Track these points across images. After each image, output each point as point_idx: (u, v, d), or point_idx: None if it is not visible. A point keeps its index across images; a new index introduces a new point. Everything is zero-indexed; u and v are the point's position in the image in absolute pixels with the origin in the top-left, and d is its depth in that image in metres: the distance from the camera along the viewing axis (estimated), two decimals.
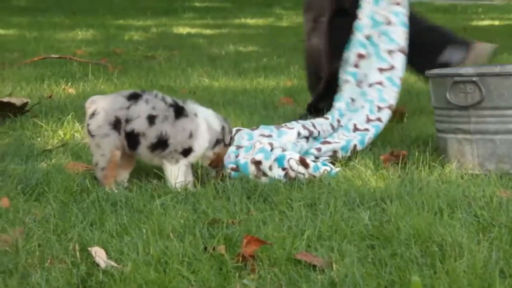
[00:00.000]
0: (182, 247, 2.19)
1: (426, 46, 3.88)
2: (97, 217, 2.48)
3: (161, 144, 2.82)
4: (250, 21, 11.04)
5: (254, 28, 10.20)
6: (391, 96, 3.58)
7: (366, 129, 3.44)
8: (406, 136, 3.63)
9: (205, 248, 2.19)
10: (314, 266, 2.10)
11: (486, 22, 11.90)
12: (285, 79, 5.58)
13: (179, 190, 2.77)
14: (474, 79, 3.04)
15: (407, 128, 3.83)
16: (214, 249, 2.18)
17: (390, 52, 3.64)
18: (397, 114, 4.01)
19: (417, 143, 3.48)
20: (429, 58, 3.83)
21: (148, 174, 2.96)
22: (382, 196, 2.68)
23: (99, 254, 2.12)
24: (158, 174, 2.88)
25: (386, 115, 3.53)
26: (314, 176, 2.90)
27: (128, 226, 2.38)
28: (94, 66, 5.86)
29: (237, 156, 3.05)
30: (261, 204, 2.65)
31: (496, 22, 11.91)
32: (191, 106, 2.90)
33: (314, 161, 3.00)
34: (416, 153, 3.20)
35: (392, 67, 3.62)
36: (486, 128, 3.05)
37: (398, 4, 3.71)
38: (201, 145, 2.86)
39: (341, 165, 3.12)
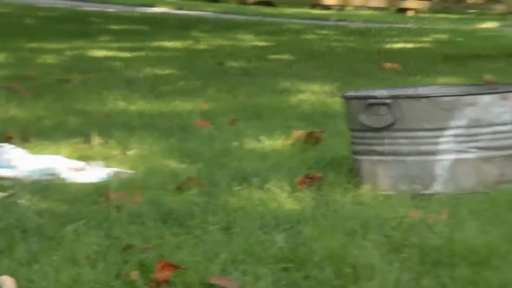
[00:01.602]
0: (94, 274, 2.15)
1: None
2: (6, 245, 2.42)
3: None
4: (168, 43, 11.01)
5: (172, 51, 10.18)
6: None
7: None
8: (322, 158, 3.66)
9: (118, 275, 2.16)
10: None
11: (400, 45, 12.13)
12: (202, 102, 5.57)
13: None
14: (387, 101, 3.08)
15: (323, 150, 3.86)
16: (127, 275, 2.15)
17: None
18: (313, 137, 4.05)
19: (332, 165, 3.51)
20: None
21: (58, 200, 2.92)
22: (297, 219, 2.69)
23: (7, 284, 2.07)
24: (69, 199, 2.84)
25: None
26: None
27: (39, 253, 2.33)
28: (5, 90, 5.74)
29: None
30: (176, 228, 2.63)
31: (410, 45, 12.14)
32: None
33: None
34: (331, 175, 3.23)
35: None
36: (399, 150, 3.09)
37: None
38: None
39: (257, 188, 3.13)
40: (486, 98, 3.04)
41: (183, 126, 4.61)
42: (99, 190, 3.09)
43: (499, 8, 21.56)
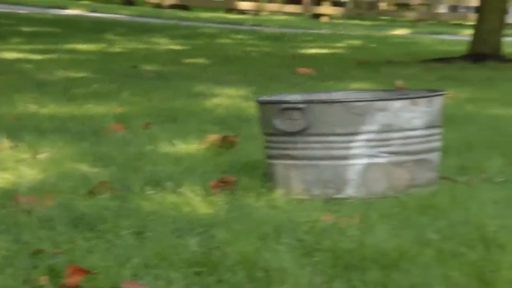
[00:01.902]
0: (1, 280, 2.11)
1: None
2: None
3: None
4: (81, 46, 10.88)
5: (85, 54, 10.05)
6: None
7: None
8: (236, 162, 3.66)
9: (26, 280, 2.12)
10: None
11: (314, 50, 12.25)
12: (116, 106, 5.52)
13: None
14: (300, 106, 3.10)
15: (237, 154, 3.87)
16: (35, 280, 2.11)
17: None
18: (228, 141, 4.05)
19: (246, 169, 3.52)
20: None
21: None
22: (211, 223, 2.68)
23: None
24: None
25: None
26: None
27: None
28: None
29: None
30: (87, 233, 2.60)
31: (324, 50, 12.28)
32: None
33: None
34: (245, 179, 3.23)
35: None
36: (312, 154, 3.12)
37: None
38: None
39: (171, 192, 3.11)
40: (397, 104, 3.09)
41: (96, 129, 4.56)
42: (8, 193, 3.03)
43: (410, 15, 21.97)
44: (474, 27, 10.82)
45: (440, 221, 2.66)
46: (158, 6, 23.66)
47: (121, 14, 19.56)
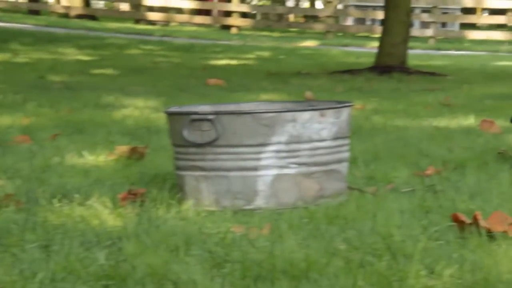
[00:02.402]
0: None
1: None
2: None
3: None
4: None
5: None
6: None
7: None
8: (145, 174, 3.63)
9: None
10: None
11: (223, 62, 12.28)
12: (21, 117, 5.42)
13: None
14: (210, 117, 3.10)
15: (146, 166, 3.84)
16: None
17: None
18: (137, 152, 4.02)
19: (156, 181, 3.50)
20: None
21: None
22: (119, 235, 2.65)
23: None
24: None
25: None
26: None
27: None
28: None
29: None
30: None
31: (233, 62, 12.32)
32: None
33: None
34: (155, 191, 3.21)
35: None
36: (221, 165, 3.12)
37: None
38: None
39: (78, 204, 3.06)
40: (306, 115, 3.12)
41: (1, 141, 4.46)
42: None
43: (319, 27, 22.24)
44: (380, 39, 11.02)
45: (348, 231, 2.69)
46: (65, 15, 23.37)
47: (27, 24, 19.23)
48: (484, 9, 29.99)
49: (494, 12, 28.37)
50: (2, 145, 4.33)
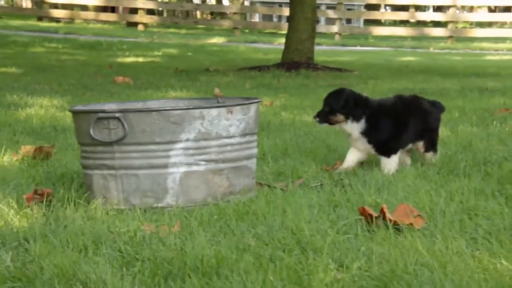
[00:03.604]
0: None
1: None
2: None
3: None
4: None
5: None
6: None
7: None
8: (52, 174, 3.57)
9: None
10: None
11: (131, 59, 12.18)
12: None
13: None
14: (117, 115, 3.07)
15: (53, 166, 3.78)
16: None
17: None
18: (43, 152, 3.95)
19: (62, 180, 3.45)
20: None
21: None
22: (26, 236, 2.60)
23: None
24: None
25: None
26: None
27: None
28: None
29: None
30: None
31: (141, 59, 12.23)
32: None
33: None
34: (62, 191, 3.16)
35: None
36: (130, 164, 3.09)
37: None
38: None
39: None
40: (214, 112, 3.12)
41: None
42: None
43: (226, 23, 22.28)
44: (287, 36, 11.11)
45: (259, 227, 2.70)
46: None
47: None
48: (386, 6, 30.55)
49: (396, 8, 28.92)
50: None
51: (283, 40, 12.06)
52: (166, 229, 2.69)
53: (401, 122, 3.64)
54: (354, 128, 3.63)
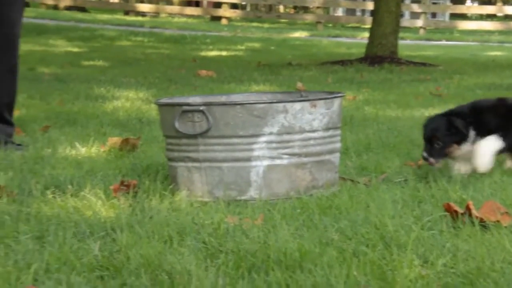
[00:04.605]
0: None
1: None
2: None
3: None
4: None
5: None
6: None
7: None
8: (138, 165, 3.63)
9: None
10: None
11: (214, 53, 12.27)
12: None
13: None
14: (201, 108, 3.10)
15: (139, 157, 3.84)
16: None
17: None
18: (129, 144, 4.02)
19: (148, 172, 3.50)
20: None
21: None
22: (113, 226, 2.65)
23: None
24: None
25: None
26: None
27: None
28: None
29: None
30: None
31: (224, 53, 12.31)
32: None
33: None
34: (147, 182, 3.21)
35: None
36: (214, 156, 3.12)
37: None
38: None
39: (71, 195, 3.06)
40: (297, 106, 3.12)
41: None
42: None
43: (309, 18, 22.23)
44: (370, 30, 11.03)
45: (342, 221, 2.70)
46: (54, 7, 23.28)
47: None
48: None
49: (483, 2, 28.40)
50: None
51: (366, 34, 11.99)
52: (249, 221, 2.71)
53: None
54: (468, 145, 3.43)
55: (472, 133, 3.41)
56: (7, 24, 4.06)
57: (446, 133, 3.39)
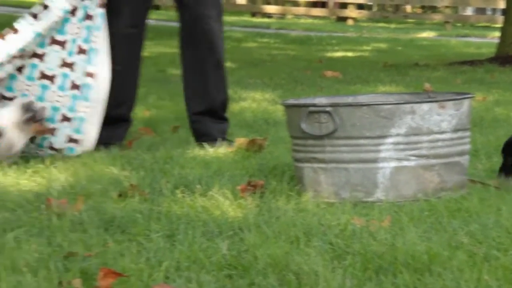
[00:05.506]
0: (36, 282, 2.12)
1: None
2: None
3: None
4: None
5: None
6: None
7: None
8: (264, 166, 3.67)
9: (60, 282, 2.14)
10: None
11: (340, 53, 12.23)
12: (143, 110, 5.54)
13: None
14: (327, 109, 3.10)
15: (265, 158, 3.87)
16: (69, 283, 2.13)
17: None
18: (256, 144, 4.06)
19: (274, 172, 3.52)
20: None
21: None
22: (240, 226, 2.69)
23: None
24: (9, 206, 2.80)
25: None
26: None
27: None
28: None
29: None
30: (118, 235, 2.62)
31: (350, 53, 12.26)
32: None
33: None
34: (274, 183, 3.24)
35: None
36: (340, 157, 3.12)
37: None
38: None
39: (200, 195, 3.11)
40: (425, 107, 3.08)
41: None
42: (40, 197, 3.05)
43: (437, 17, 21.88)
44: (501, 29, 10.75)
45: (471, 224, 2.65)
46: None
47: (148, 19, 19.62)
48: None
49: None
50: (126, 137, 4.44)
51: (497, 33, 11.71)
52: (376, 223, 2.69)
53: None
54: None
55: None
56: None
57: None
